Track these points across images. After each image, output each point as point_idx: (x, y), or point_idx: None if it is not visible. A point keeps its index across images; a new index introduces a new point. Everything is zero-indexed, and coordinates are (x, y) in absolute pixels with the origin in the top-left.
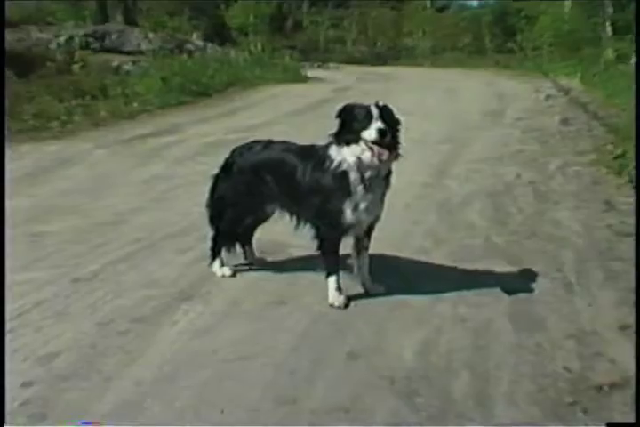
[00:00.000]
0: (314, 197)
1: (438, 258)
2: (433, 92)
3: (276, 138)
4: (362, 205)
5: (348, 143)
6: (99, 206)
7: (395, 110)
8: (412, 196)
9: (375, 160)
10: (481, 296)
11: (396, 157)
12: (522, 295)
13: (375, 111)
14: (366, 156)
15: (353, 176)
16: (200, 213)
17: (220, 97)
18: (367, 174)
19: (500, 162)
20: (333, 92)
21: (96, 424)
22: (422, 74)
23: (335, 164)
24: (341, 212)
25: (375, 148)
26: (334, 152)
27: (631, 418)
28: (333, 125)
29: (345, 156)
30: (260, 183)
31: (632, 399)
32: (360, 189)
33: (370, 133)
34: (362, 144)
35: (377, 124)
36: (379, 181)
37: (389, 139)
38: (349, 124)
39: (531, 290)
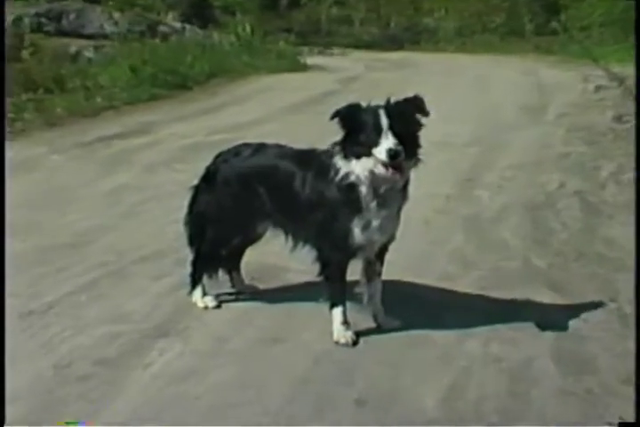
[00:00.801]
0: (316, 212)
1: (465, 285)
2: (459, 82)
3: (269, 140)
4: (374, 223)
5: (357, 157)
6: (55, 224)
7: (418, 103)
8: (434, 210)
9: (389, 176)
10: (518, 331)
11: (416, 163)
12: (568, 330)
13: (384, 121)
14: (380, 169)
15: (364, 189)
16: (177, 231)
17: (200, 90)
18: (381, 188)
19: (541, 168)
20: (338, 84)
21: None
22: (446, 61)
23: (342, 173)
24: (349, 230)
25: (388, 167)
26: (340, 163)
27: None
28: (336, 128)
29: (354, 169)
30: (250, 196)
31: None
32: (372, 203)
33: (380, 153)
34: (374, 158)
35: (387, 143)
36: (394, 193)
37: (403, 158)
38: (355, 134)
39: (578, 323)
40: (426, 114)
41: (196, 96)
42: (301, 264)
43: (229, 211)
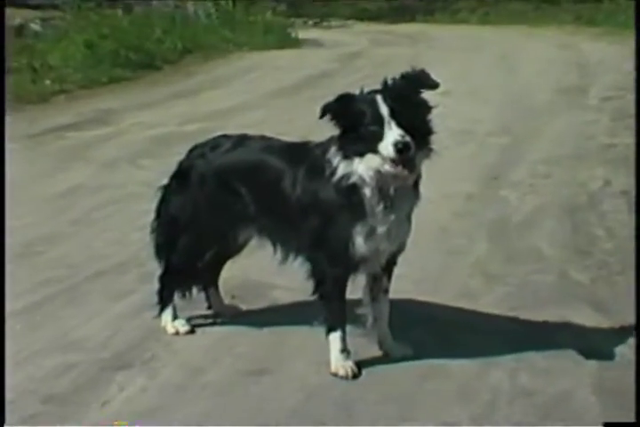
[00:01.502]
0: (309, 218)
1: (490, 304)
2: (482, 60)
3: (253, 131)
4: (380, 229)
5: (361, 155)
6: None
7: (420, 78)
8: (452, 213)
9: (399, 174)
10: (552, 359)
11: (428, 154)
12: (613, 357)
13: (384, 109)
14: (386, 168)
15: (368, 191)
16: (142, 241)
17: (172, 71)
18: (389, 188)
19: (581, 162)
20: (337, 62)
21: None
22: (467, 34)
23: (340, 173)
24: (350, 239)
25: (396, 163)
26: (338, 159)
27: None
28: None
29: (356, 168)
30: (230, 198)
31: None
32: (378, 207)
33: (385, 148)
34: (379, 155)
35: (392, 135)
36: (403, 193)
37: (414, 151)
38: (353, 130)
39: (625, 349)
40: (434, 86)
41: (165, 78)
42: (292, 280)
43: (205, 215)
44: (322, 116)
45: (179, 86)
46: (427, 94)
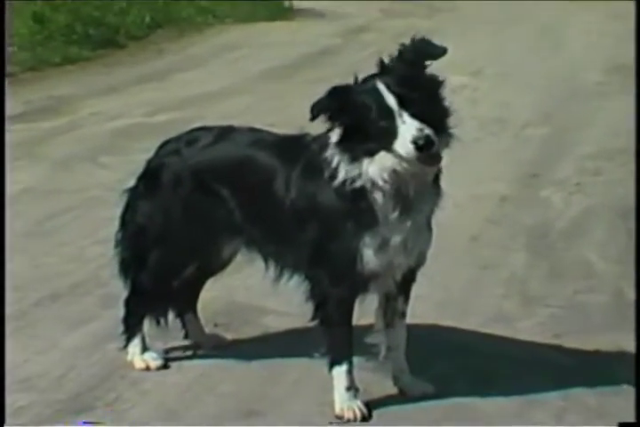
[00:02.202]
0: (307, 226)
1: (529, 329)
2: (517, 33)
3: (237, 122)
4: (394, 239)
5: (370, 154)
6: None
7: (423, 50)
8: (482, 219)
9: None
10: (607, 397)
11: (448, 142)
12: None
13: (390, 97)
14: (403, 167)
15: (380, 197)
16: (105, 256)
17: (138, 49)
18: (409, 190)
19: (638, 157)
20: (340, 37)
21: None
22: (500, 2)
23: (343, 175)
24: (358, 252)
25: (419, 161)
26: (342, 158)
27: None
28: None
29: (365, 170)
30: (211, 203)
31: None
32: (393, 213)
33: (403, 146)
34: (394, 152)
35: (408, 130)
36: (423, 193)
37: (438, 144)
38: (358, 126)
39: None
40: (440, 54)
41: (130, 57)
42: (286, 303)
43: (180, 225)
44: (314, 118)
45: (147, 68)
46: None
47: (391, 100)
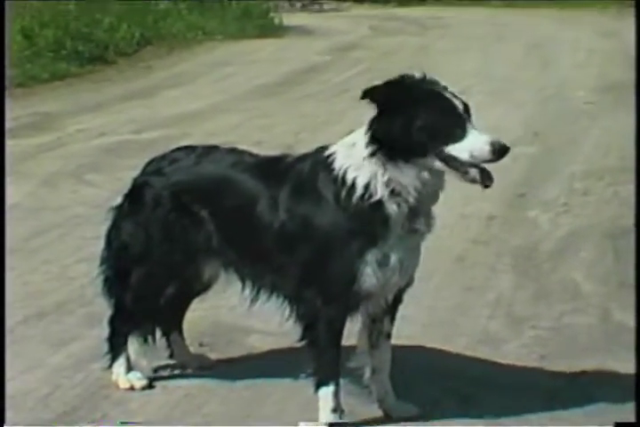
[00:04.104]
0: (298, 247)
1: (515, 351)
2: (507, 51)
3: (225, 139)
4: (394, 257)
5: (406, 159)
6: None
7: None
8: (468, 239)
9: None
10: (593, 417)
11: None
12: None
13: (460, 103)
14: (433, 181)
15: (395, 210)
16: (88, 275)
17: (127, 65)
18: (424, 206)
19: (626, 176)
20: (328, 54)
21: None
22: (489, 19)
23: (360, 192)
24: (358, 270)
25: (479, 170)
26: (357, 170)
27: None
28: (329, 118)
29: (395, 176)
30: (190, 224)
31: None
32: (397, 230)
33: (477, 149)
34: (433, 160)
35: (482, 135)
36: (425, 215)
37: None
38: (406, 121)
39: None
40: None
41: (119, 74)
42: (272, 323)
43: (160, 245)
44: (365, 98)
45: (135, 84)
46: None
47: (461, 107)
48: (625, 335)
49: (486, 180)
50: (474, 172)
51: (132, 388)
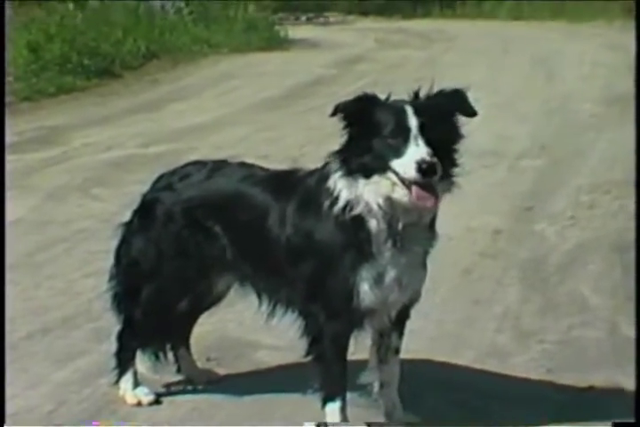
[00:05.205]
0: (303, 262)
1: (522, 365)
2: (513, 64)
3: (231, 152)
4: (390, 275)
5: (367, 175)
6: None
7: (459, 100)
8: (476, 253)
9: (417, 204)
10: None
11: (449, 188)
12: None
13: (413, 121)
14: (400, 195)
15: (375, 226)
16: (95, 289)
17: (133, 79)
18: (400, 223)
19: (633, 189)
20: (334, 67)
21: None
22: (494, 31)
23: (342, 204)
24: (354, 287)
25: (415, 188)
26: (339, 184)
27: None
28: (334, 131)
29: (361, 193)
30: (204, 238)
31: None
32: (387, 246)
33: (405, 167)
34: (391, 176)
35: (418, 152)
36: (418, 231)
37: (439, 177)
38: (366, 138)
39: None
40: (471, 114)
41: (125, 88)
42: (280, 338)
43: (173, 260)
44: (333, 115)
45: (141, 98)
46: None
47: (413, 122)
48: (633, 349)
49: (422, 201)
50: (415, 189)
51: (139, 403)
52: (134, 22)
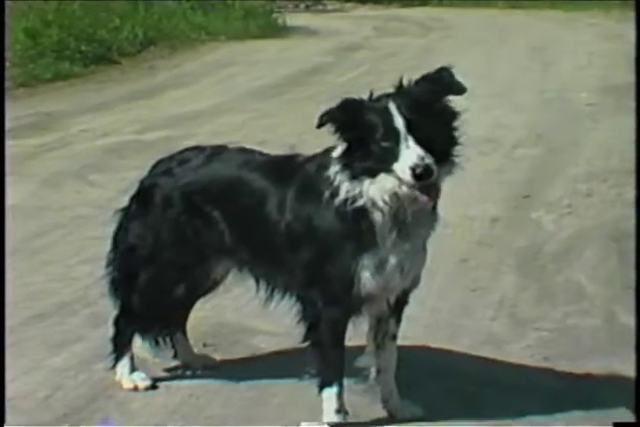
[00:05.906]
0: (302, 248)
1: (518, 352)
2: (510, 52)
3: (229, 139)
4: (392, 261)
5: (372, 175)
6: None
7: (445, 80)
8: (473, 241)
9: (419, 200)
10: (596, 420)
11: (451, 169)
12: None
13: (399, 120)
14: (405, 191)
15: (379, 218)
16: (92, 275)
17: (130, 65)
18: (404, 212)
19: (630, 178)
20: (332, 55)
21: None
22: (491, 21)
23: (345, 194)
24: (356, 273)
25: (416, 191)
26: (343, 179)
27: None
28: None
29: (367, 190)
30: (203, 224)
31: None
32: (391, 234)
33: (402, 172)
34: (396, 175)
35: (409, 156)
36: (421, 217)
37: (436, 176)
38: (363, 143)
39: None
40: (459, 92)
41: (123, 74)
42: (276, 324)
43: (171, 246)
44: (320, 125)
45: (138, 85)
46: None
47: (399, 123)
48: (629, 337)
49: (423, 197)
50: (417, 192)
51: (135, 388)
52: (132, 9)
